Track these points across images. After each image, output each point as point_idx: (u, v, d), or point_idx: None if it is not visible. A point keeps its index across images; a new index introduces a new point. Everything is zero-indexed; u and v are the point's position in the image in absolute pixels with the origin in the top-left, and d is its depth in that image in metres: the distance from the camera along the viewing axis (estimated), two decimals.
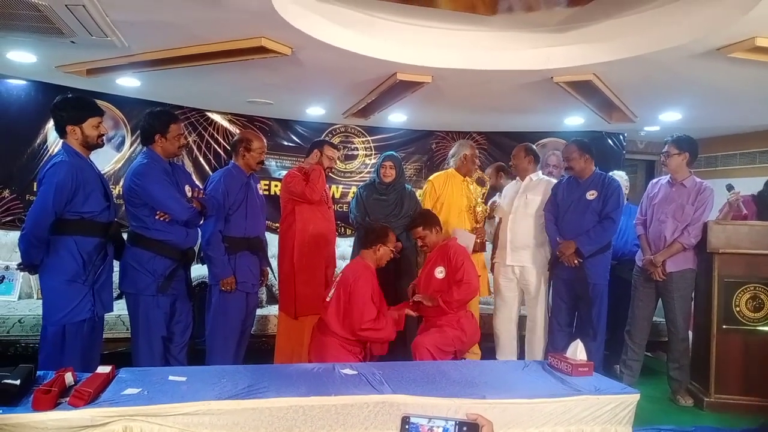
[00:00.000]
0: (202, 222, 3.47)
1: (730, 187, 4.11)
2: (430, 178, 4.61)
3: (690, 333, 4.10)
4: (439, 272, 3.75)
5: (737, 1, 2.92)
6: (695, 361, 4.05)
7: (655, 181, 4.25)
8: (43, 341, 2.94)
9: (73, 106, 2.97)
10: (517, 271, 4.25)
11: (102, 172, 3.17)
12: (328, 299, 3.60)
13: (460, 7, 3.63)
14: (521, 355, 4.33)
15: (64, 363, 2.69)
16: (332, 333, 3.49)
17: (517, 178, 4.43)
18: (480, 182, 4.59)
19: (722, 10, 3.04)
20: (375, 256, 3.67)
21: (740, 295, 3.82)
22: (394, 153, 4.61)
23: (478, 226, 4.41)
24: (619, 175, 4.76)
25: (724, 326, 3.84)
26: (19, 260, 2.97)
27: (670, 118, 5.31)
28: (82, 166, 2.94)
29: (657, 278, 3.94)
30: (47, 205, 2.80)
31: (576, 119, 5.63)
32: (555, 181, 4.33)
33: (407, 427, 1.35)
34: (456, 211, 4.39)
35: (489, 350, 4.36)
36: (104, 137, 3.10)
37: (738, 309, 3.82)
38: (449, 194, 4.41)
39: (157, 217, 3.19)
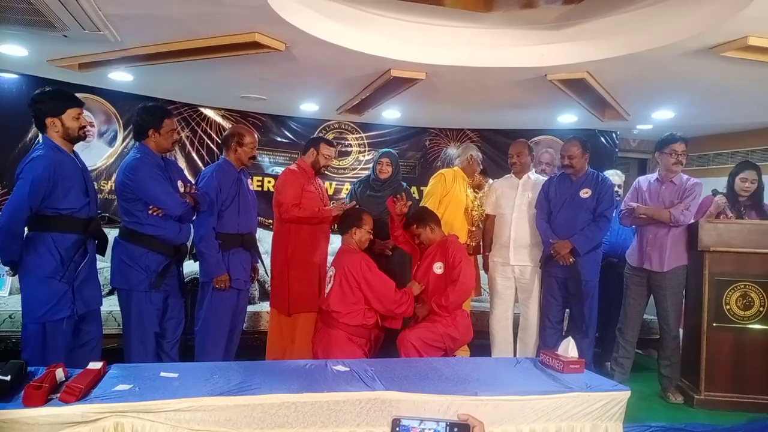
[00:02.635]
0: (194, 217, 3.45)
1: (715, 192, 4.13)
2: (441, 171, 4.60)
3: (680, 330, 4.12)
4: (438, 268, 3.75)
5: (730, 0, 2.93)
6: (685, 358, 4.07)
7: (642, 178, 4.24)
8: (24, 339, 2.89)
9: (51, 97, 2.89)
10: (517, 271, 4.25)
11: (94, 167, 3.15)
12: (326, 295, 3.61)
13: (459, 4, 3.63)
14: (514, 352, 4.33)
15: (47, 361, 2.66)
16: (340, 325, 3.51)
17: (511, 174, 4.43)
18: (477, 186, 4.59)
19: (715, 9, 3.05)
20: (354, 240, 3.74)
21: (730, 293, 3.85)
22: (391, 150, 4.60)
23: (473, 228, 4.41)
24: (618, 174, 4.82)
25: (714, 324, 3.86)
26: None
27: (663, 116, 5.33)
28: (62, 160, 2.87)
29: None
30: (23, 200, 2.74)
31: (569, 117, 5.64)
32: None
33: (398, 429, 1.35)
34: (460, 210, 4.40)
35: (479, 348, 4.36)
36: (86, 129, 3.02)
37: (728, 307, 3.85)
38: (456, 191, 4.41)
39: (150, 211, 3.17)
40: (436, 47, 3.88)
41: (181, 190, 3.30)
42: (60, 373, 2.26)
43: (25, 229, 2.84)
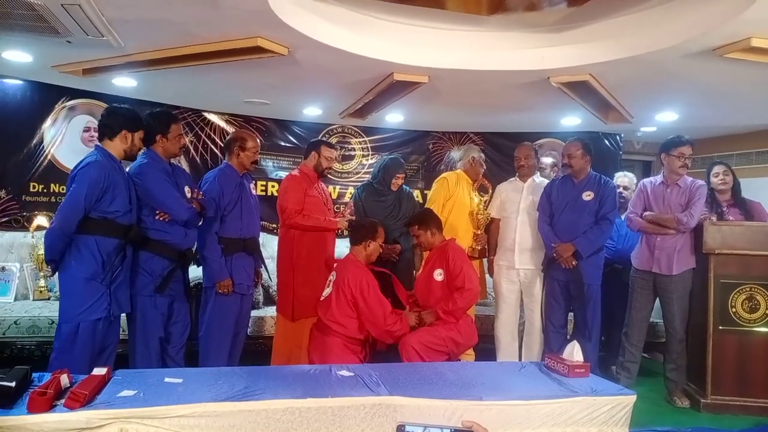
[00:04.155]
0: (201, 223, 3.46)
1: None
2: (444, 175, 4.57)
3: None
4: (438, 275, 3.72)
5: (732, 2, 2.92)
6: (691, 362, 4.04)
7: (647, 180, 4.23)
8: (56, 339, 2.97)
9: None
10: (522, 274, 4.24)
11: None
12: (322, 299, 3.60)
13: (461, 7, 3.63)
14: (519, 357, 4.32)
15: (73, 361, 2.74)
16: (335, 333, 3.49)
17: (516, 177, 4.43)
18: (482, 189, 4.58)
19: (717, 11, 3.04)
20: (365, 252, 3.69)
21: (736, 295, 3.83)
22: (401, 160, 4.51)
23: (478, 232, 4.39)
24: (630, 177, 4.82)
25: (720, 327, 3.84)
26: (14, 261, 2.96)
27: (667, 118, 5.32)
28: (113, 167, 3.02)
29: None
30: (79, 201, 2.87)
31: (573, 120, 5.63)
32: None
33: None
34: (465, 213, 4.38)
35: (484, 352, 4.35)
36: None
37: (734, 310, 3.82)
38: (460, 195, 4.39)
39: (157, 216, 3.21)
40: (439, 51, 3.88)
41: (189, 195, 3.33)
42: (65, 379, 2.27)
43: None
